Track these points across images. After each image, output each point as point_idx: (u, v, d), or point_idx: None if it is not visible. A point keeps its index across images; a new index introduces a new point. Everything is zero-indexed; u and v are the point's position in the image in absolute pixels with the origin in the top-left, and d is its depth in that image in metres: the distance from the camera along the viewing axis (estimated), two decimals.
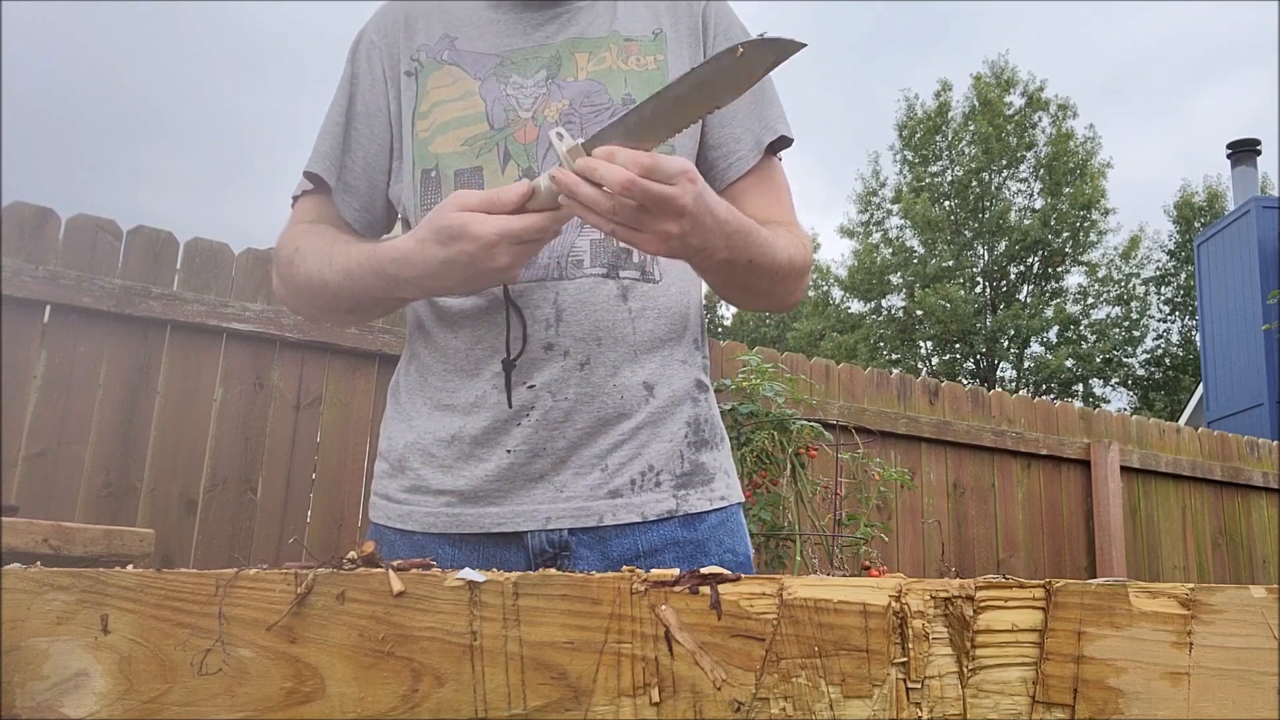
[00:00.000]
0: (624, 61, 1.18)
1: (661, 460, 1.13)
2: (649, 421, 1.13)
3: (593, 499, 1.09)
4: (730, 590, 0.54)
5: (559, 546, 1.08)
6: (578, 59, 1.18)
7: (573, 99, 1.15)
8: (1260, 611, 0.54)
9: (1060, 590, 0.54)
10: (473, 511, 1.10)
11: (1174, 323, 24.72)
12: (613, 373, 1.11)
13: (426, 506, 1.12)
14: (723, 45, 1.20)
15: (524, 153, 1.14)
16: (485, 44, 1.20)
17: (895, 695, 0.53)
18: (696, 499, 1.14)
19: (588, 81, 1.16)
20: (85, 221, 2.87)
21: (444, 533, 1.11)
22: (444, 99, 1.18)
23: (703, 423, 1.18)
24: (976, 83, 23.98)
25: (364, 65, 1.24)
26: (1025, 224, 23.34)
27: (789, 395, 3.49)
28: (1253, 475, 5.49)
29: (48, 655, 0.53)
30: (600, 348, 1.10)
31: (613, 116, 1.11)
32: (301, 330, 3.09)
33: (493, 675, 0.53)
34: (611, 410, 1.11)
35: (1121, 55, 46.07)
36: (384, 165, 1.22)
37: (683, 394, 1.16)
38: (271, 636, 0.53)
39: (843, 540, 3.40)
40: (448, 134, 1.16)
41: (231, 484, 2.96)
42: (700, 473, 1.16)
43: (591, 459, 1.10)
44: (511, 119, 1.15)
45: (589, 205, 0.90)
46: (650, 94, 0.94)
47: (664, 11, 1.23)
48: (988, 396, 4.72)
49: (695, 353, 1.21)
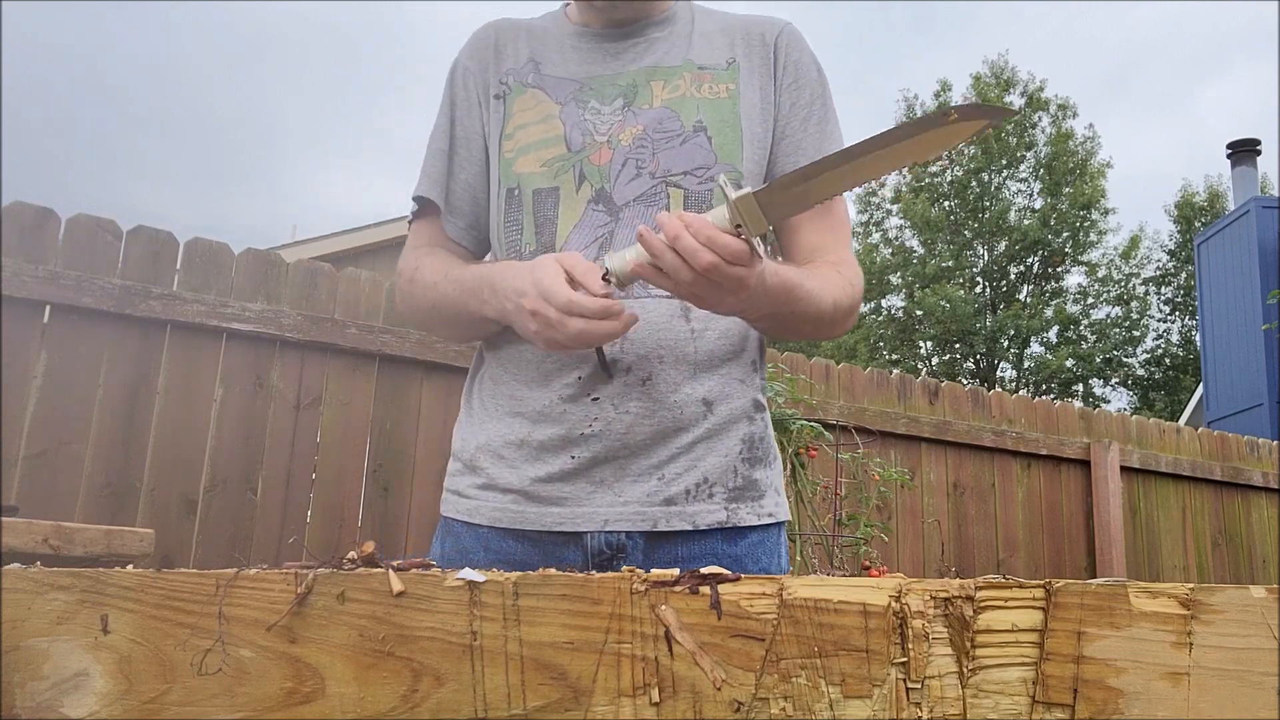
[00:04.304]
0: (697, 90, 1.24)
1: (716, 473, 1.18)
2: (706, 436, 1.18)
3: (649, 505, 1.15)
4: (730, 590, 0.54)
5: (616, 548, 1.15)
6: (653, 87, 1.24)
7: (647, 125, 1.21)
8: (1260, 611, 0.54)
9: (1060, 590, 0.54)
10: (536, 510, 1.16)
11: (1174, 323, 24.72)
12: (673, 389, 1.16)
13: (494, 502, 1.19)
14: (793, 77, 1.27)
15: (598, 174, 1.20)
16: (568, 69, 1.27)
17: (895, 695, 0.52)
18: (746, 513, 1.19)
19: (662, 109, 1.22)
20: (85, 221, 2.87)
21: (509, 528, 1.17)
22: (527, 121, 1.25)
23: (757, 440, 1.23)
24: (976, 83, 23.97)
25: (460, 91, 1.31)
26: (1025, 224, 23.34)
27: (789, 395, 3.49)
28: (1253, 475, 5.49)
29: (48, 655, 0.53)
30: (662, 365, 1.16)
31: (683, 142, 1.20)
32: (301, 330, 3.08)
33: (493, 675, 0.53)
34: (670, 424, 1.16)
35: (1121, 50, 46.04)
36: (484, 186, 1.29)
37: (740, 412, 1.21)
38: (271, 636, 0.53)
39: (843, 540, 3.40)
40: (529, 155, 1.23)
41: (231, 484, 2.96)
42: (752, 488, 1.21)
43: (649, 468, 1.16)
44: (588, 142, 1.21)
45: (670, 272, 0.97)
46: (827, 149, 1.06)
47: (738, 41, 1.28)
48: (988, 396, 4.72)
49: (753, 373, 1.25)
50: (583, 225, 1.19)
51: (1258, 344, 10.77)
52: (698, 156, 1.20)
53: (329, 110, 63.74)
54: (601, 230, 1.18)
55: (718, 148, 1.21)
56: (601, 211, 1.19)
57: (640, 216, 1.18)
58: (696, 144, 1.21)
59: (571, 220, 1.19)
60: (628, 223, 1.18)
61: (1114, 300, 24.21)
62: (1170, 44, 48.60)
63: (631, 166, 1.20)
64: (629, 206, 1.18)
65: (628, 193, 1.19)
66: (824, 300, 1.15)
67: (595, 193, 1.19)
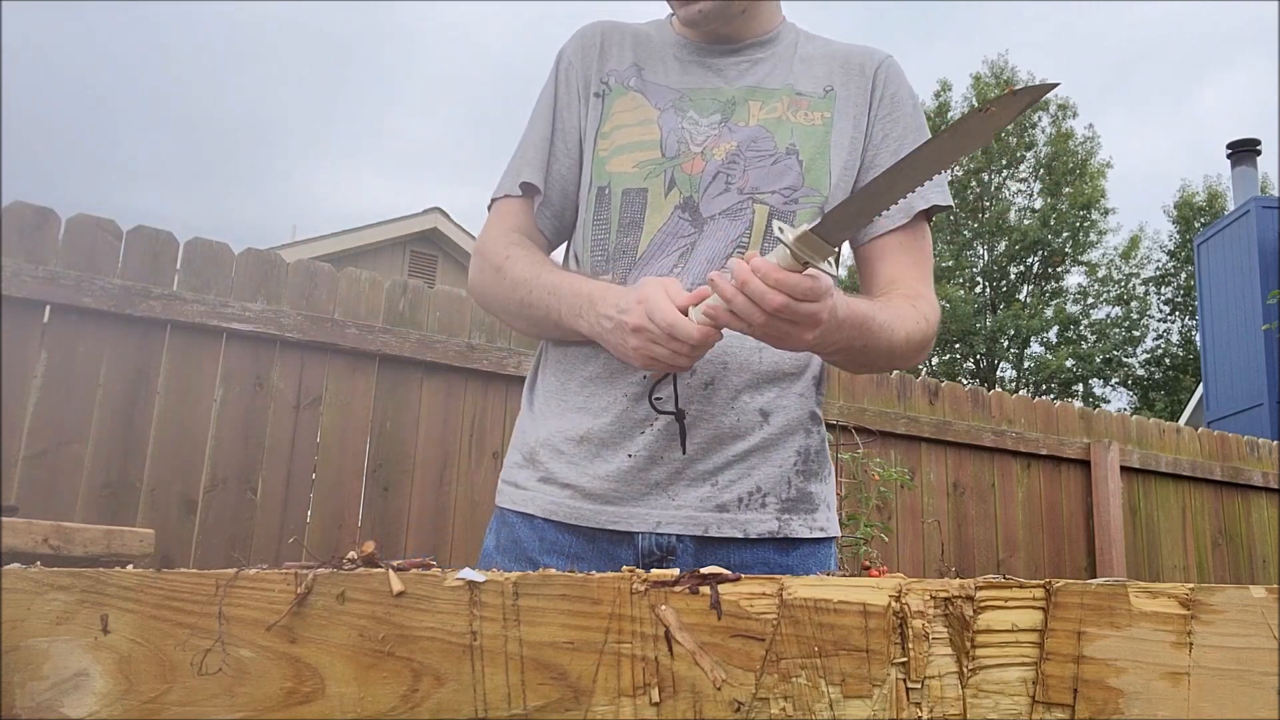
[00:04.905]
0: (793, 114, 1.26)
1: (770, 484, 1.19)
2: (761, 446, 1.19)
3: (701, 510, 1.16)
4: (730, 590, 0.54)
5: (666, 550, 1.16)
6: (751, 106, 1.26)
7: (741, 142, 1.23)
8: (1260, 611, 0.54)
9: (1060, 590, 0.54)
10: (591, 507, 1.17)
11: (1174, 323, 24.72)
12: (734, 396, 1.18)
13: (550, 495, 1.20)
14: (889, 109, 1.29)
15: (688, 182, 1.22)
16: (670, 78, 1.30)
17: (895, 695, 0.52)
18: (798, 525, 1.20)
19: (757, 128, 1.24)
20: (85, 221, 2.87)
21: (563, 521, 1.18)
22: (625, 123, 1.27)
23: (813, 454, 1.25)
24: (976, 83, 23.98)
25: (563, 85, 1.33)
26: (1025, 224, 23.34)
27: None
28: (1253, 475, 5.48)
29: (48, 655, 0.53)
30: (726, 372, 1.17)
31: (775, 163, 1.22)
32: (301, 330, 3.08)
33: (493, 675, 0.53)
34: (728, 430, 1.17)
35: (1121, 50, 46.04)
36: (575, 179, 1.31)
37: (796, 424, 1.22)
38: (271, 636, 0.53)
39: (843, 540, 3.40)
40: (623, 155, 1.25)
41: (231, 484, 2.96)
42: (806, 501, 1.22)
43: (704, 473, 1.17)
44: (683, 150, 1.23)
45: (743, 316, 0.98)
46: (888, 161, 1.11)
47: (838, 70, 1.30)
48: (988, 396, 4.72)
49: (813, 389, 1.27)
50: (666, 231, 1.20)
51: (1258, 344, 10.77)
52: (787, 177, 1.22)
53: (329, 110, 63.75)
54: (685, 240, 1.20)
55: (806, 171, 1.23)
56: (686, 221, 1.20)
57: (724, 230, 1.19)
58: (787, 165, 1.22)
59: (657, 224, 1.20)
60: (710, 235, 1.19)
61: (1114, 300, 24.22)
62: (1170, 44, 48.62)
63: (721, 180, 1.21)
64: (714, 220, 1.20)
65: (714, 206, 1.20)
66: (896, 334, 1.15)
67: (683, 200, 1.21)
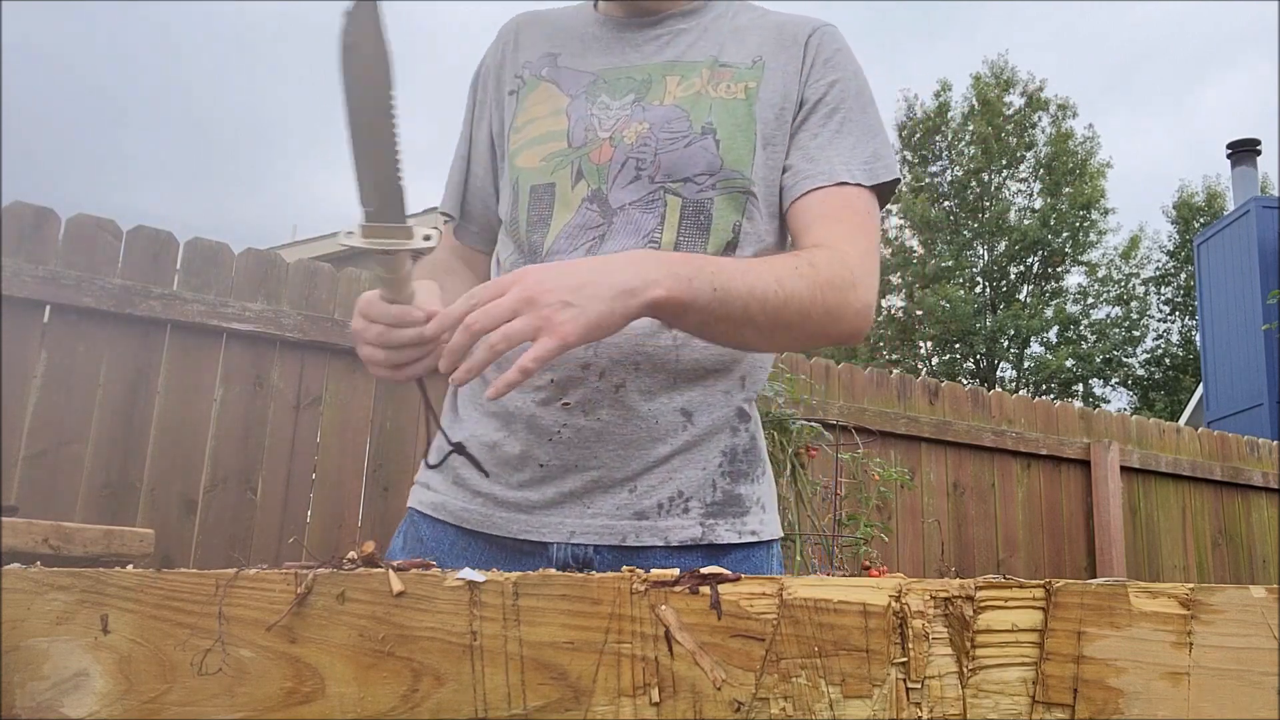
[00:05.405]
0: (713, 88, 1.16)
1: (693, 487, 1.11)
2: (684, 448, 1.11)
3: (618, 518, 1.09)
4: (730, 590, 0.54)
5: (583, 562, 1.09)
6: (668, 82, 1.17)
7: (653, 124, 1.14)
8: (1260, 611, 0.54)
9: (1060, 590, 0.53)
10: (503, 516, 1.11)
11: (1174, 323, 24.72)
12: (649, 398, 1.09)
13: (462, 501, 1.15)
14: (818, 75, 1.18)
15: (596, 172, 1.14)
16: (585, 62, 1.21)
17: (895, 695, 0.52)
18: (725, 530, 1.12)
19: (671, 107, 1.15)
20: (85, 221, 2.87)
21: (474, 530, 1.13)
22: (536, 115, 1.20)
23: (741, 453, 1.15)
24: (976, 83, 23.97)
25: (479, 94, 1.28)
26: (1025, 224, 23.34)
27: (788, 395, 3.49)
28: (1253, 475, 5.48)
29: (48, 655, 0.53)
30: (637, 372, 1.09)
31: (688, 145, 1.13)
32: (301, 330, 3.08)
33: (493, 675, 0.53)
34: (645, 434, 1.10)
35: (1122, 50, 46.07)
36: (492, 189, 1.27)
37: (722, 423, 1.14)
38: (271, 636, 0.53)
39: (843, 540, 3.40)
40: (531, 150, 1.18)
41: (231, 484, 2.96)
42: (734, 504, 1.13)
43: (621, 480, 1.09)
44: (590, 138, 1.15)
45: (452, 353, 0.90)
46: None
47: (770, 39, 1.20)
48: (988, 396, 4.72)
49: (741, 386, 1.17)
50: (574, 225, 1.13)
51: (1258, 344, 10.77)
52: (701, 161, 1.12)
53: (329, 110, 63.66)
54: (593, 233, 1.12)
55: (725, 152, 1.13)
56: (595, 212, 1.12)
57: (635, 222, 1.11)
58: (702, 147, 1.12)
59: (565, 218, 1.13)
60: (621, 228, 1.11)
61: (1114, 300, 24.22)
62: (1171, 44, 48.63)
63: (631, 168, 1.13)
64: (624, 210, 1.12)
65: (623, 196, 1.12)
66: (761, 276, 0.99)
67: (591, 192, 1.13)
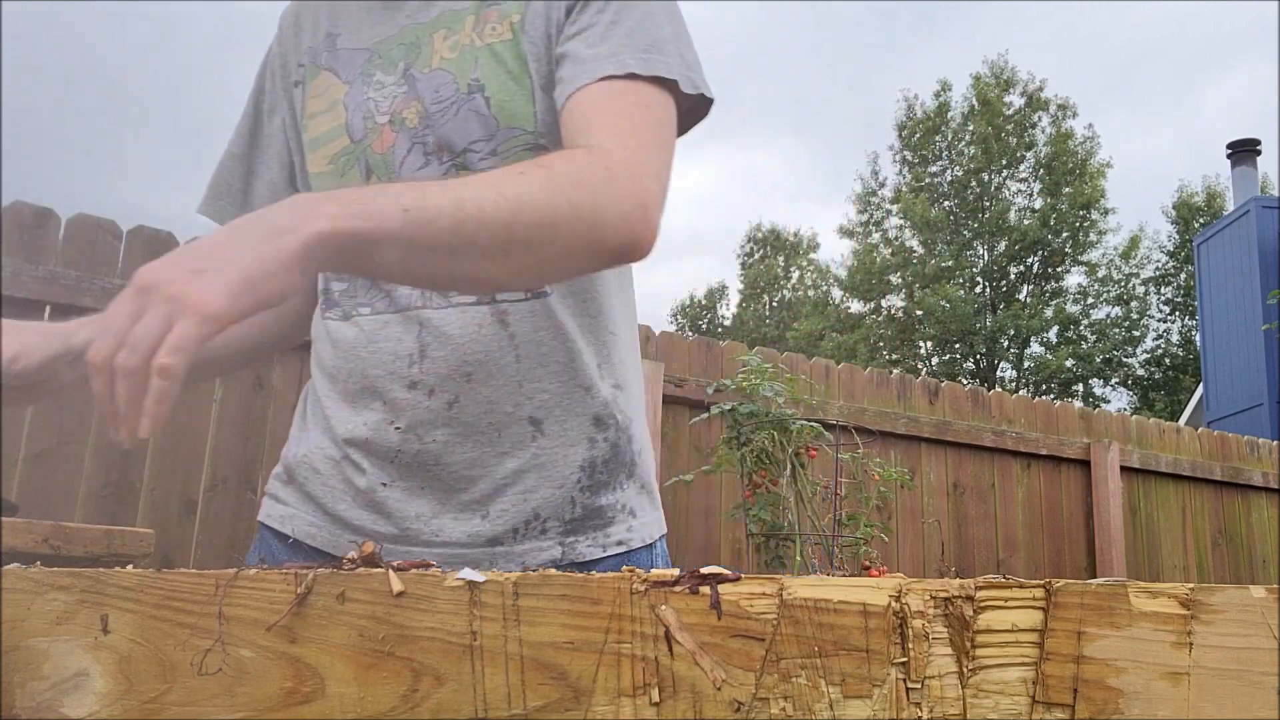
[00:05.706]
0: (479, 36, 1.00)
1: (550, 508, 1.01)
2: (535, 464, 1.00)
3: (470, 547, 0.99)
4: (730, 590, 0.54)
5: None
6: (435, 41, 1.01)
7: (425, 96, 0.99)
8: (1260, 611, 0.54)
9: (1060, 590, 0.54)
10: (350, 537, 1.02)
11: (1174, 323, 24.73)
12: (487, 410, 0.98)
13: (310, 517, 1.06)
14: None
15: (383, 165, 1.00)
16: (361, 38, 1.05)
17: (895, 695, 0.52)
18: (586, 546, 1.02)
19: (438, 72, 0.99)
20: (85, 221, 2.87)
21: (320, 549, 1.04)
22: (316, 110, 1.07)
23: (600, 465, 1.03)
24: (976, 83, 23.98)
25: (267, 84, 1.14)
26: (1025, 224, 23.34)
27: (789, 395, 3.48)
28: (1253, 475, 5.49)
29: (48, 655, 0.53)
30: (470, 384, 0.98)
31: (458, 110, 0.98)
32: None
33: (493, 675, 0.53)
34: (489, 451, 0.99)
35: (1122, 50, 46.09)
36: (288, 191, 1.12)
37: (577, 435, 1.02)
38: (271, 637, 0.53)
39: (843, 540, 3.40)
40: (317, 152, 1.06)
41: (231, 484, 2.96)
42: (596, 517, 1.03)
43: (472, 503, 1.00)
44: (369, 127, 1.02)
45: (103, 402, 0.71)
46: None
47: None
48: (988, 396, 4.72)
49: (603, 376, 1.04)
50: None
51: (1258, 344, 10.77)
52: (474, 126, 0.97)
53: None
54: None
55: (497, 109, 0.97)
56: None
57: None
58: (472, 109, 0.98)
59: None
60: None
61: (1114, 300, 24.23)
62: (1171, 44, 48.65)
63: (419, 152, 0.99)
64: None
65: None
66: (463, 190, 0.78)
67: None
